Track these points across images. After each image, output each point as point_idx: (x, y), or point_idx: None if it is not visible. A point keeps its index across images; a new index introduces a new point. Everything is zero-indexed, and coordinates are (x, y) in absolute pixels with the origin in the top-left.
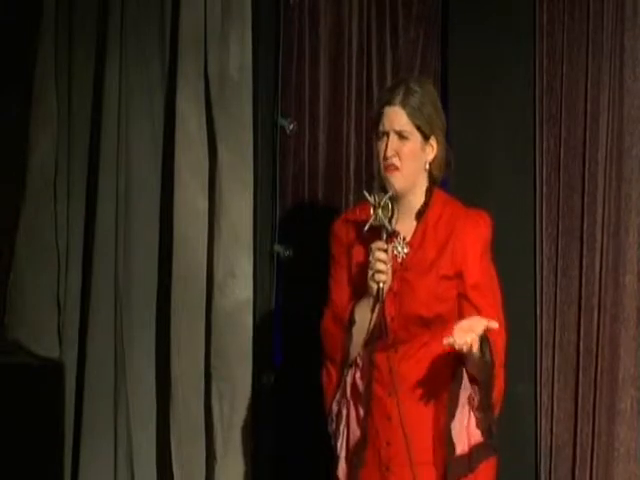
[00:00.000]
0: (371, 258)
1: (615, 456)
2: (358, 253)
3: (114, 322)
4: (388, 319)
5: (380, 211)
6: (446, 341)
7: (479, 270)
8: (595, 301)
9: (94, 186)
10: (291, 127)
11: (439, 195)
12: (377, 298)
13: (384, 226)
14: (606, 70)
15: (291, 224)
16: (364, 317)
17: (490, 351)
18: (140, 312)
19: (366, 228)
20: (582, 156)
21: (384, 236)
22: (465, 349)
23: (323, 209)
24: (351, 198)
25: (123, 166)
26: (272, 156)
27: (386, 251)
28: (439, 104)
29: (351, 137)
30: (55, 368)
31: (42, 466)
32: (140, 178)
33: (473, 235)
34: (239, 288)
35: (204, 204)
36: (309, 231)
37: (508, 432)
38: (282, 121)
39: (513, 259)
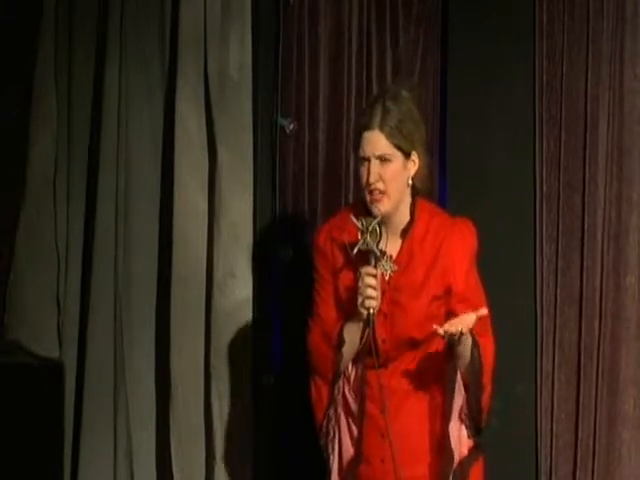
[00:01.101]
0: (360, 284)
1: (617, 457)
2: (344, 272)
3: (114, 322)
4: (379, 341)
5: (368, 236)
6: (435, 327)
7: (466, 284)
8: (596, 301)
9: (94, 186)
10: (291, 127)
11: (423, 207)
12: (367, 323)
13: (372, 251)
14: (606, 70)
15: (291, 224)
16: (353, 338)
17: (479, 356)
18: (140, 312)
19: (354, 252)
20: (582, 156)
21: (372, 261)
22: (455, 332)
23: (323, 209)
24: (350, 198)
25: (123, 166)
26: (272, 156)
27: (375, 276)
28: (418, 116)
29: (351, 137)
30: (55, 368)
31: (42, 466)
32: (140, 178)
33: (460, 249)
34: (239, 288)
35: (204, 204)
36: (309, 231)
37: (508, 432)
38: (282, 121)
39: (513, 259)
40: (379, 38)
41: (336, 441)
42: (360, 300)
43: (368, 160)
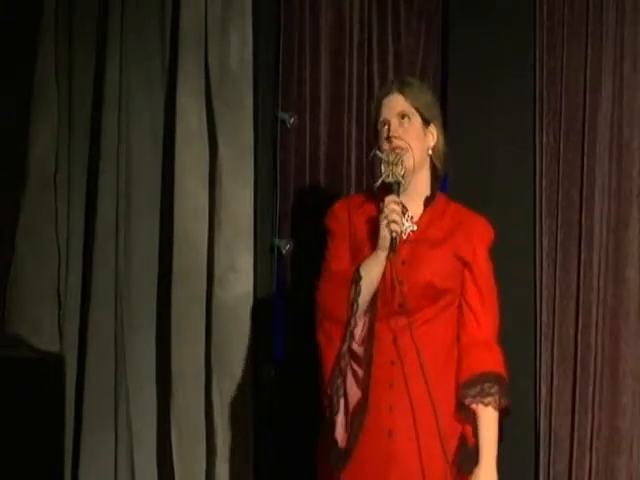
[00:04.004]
0: (385, 209)
1: (615, 450)
2: (358, 229)
3: (115, 317)
4: (396, 282)
5: (393, 167)
6: None
7: (485, 262)
8: (594, 295)
9: (94, 181)
10: (292, 120)
11: (443, 196)
12: (391, 248)
13: (397, 182)
14: (606, 63)
15: (292, 218)
16: (370, 273)
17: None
18: (141, 307)
19: (377, 184)
20: (582, 149)
21: (396, 191)
22: None
23: (324, 202)
24: (352, 192)
25: (123, 161)
26: (273, 149)
27: (399, 204)
28: (436, 100)
29: (352, 130)
30: (55, 362)
31: (42, 461)
32: (140, 173)
33: (480, 230)
34: (240, 282)
35: (204, 198)
36: (310, 225)
37: (507, 426)
38: (283, 114)
39: (512, 253)
40: (380, 31)
41: (342, 394)
42: (385, 223)
43: (388, 123)
